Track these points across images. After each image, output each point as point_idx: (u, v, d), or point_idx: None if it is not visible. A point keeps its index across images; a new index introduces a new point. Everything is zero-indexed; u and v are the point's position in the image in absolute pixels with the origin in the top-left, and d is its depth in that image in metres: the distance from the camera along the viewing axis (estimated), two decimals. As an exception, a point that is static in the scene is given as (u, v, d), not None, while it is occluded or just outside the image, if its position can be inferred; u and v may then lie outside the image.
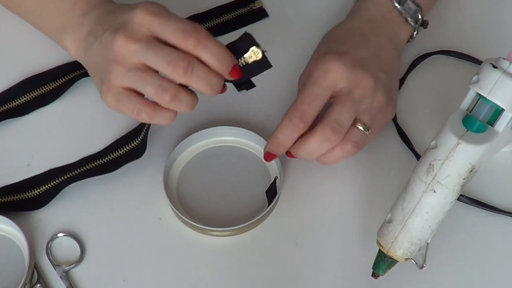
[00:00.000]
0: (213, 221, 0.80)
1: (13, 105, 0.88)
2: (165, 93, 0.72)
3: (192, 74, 0.72)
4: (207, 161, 0.85)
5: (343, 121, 0.77)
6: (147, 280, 0.79)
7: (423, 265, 0.75)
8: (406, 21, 0.86)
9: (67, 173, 0.83)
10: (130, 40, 0.72)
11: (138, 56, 0.73)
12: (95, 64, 0.78)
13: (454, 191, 0.72)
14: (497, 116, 0.73)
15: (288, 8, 0.97)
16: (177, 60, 0.71)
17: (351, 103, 0.77)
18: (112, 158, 0.84)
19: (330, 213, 0.82)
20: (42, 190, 0.82)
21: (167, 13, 0.74)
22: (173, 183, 0.83)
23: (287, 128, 0.77)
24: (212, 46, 0.72)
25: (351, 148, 0.78)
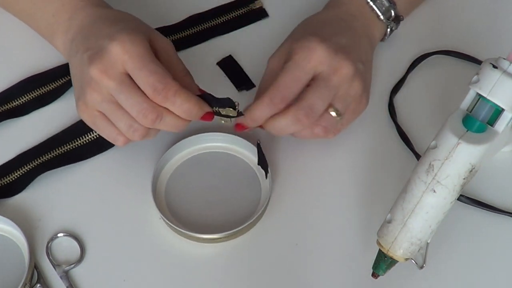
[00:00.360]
0: (204, 228, 0.79)
1: (12, 105, 0.88)
2: (136, 133, 0.76)
3: (160, 123, 0.75)
4: (196, 167, 0.84)
5: (316, 106, 0.77)
6: (147, 280, 0.79)
7: (423, 265, 0.75)
8: (378, 18, 0.86)
9: (38, 157, 0.83)
10: (105, 75, 0.74)
11: (111, 92, 0.75)
12: (75, 75, 0.79)
13: (454, 191, 0.72)
14: (497, 116, 0.73)
15: (288, 8, 0.97)
16: (146, 112, 0.74)
17: (327, 90, 0.77)
18: (80, 144, 0.84)
19: (330, 213, 0.82)
20: (14, 177, 0.82)
21: (143, 57, 0.74)
22: (161, 190, 0.83)
23: (267, 107, 0.77)
24: (180, 102, 0.74)
25: (320, 131, 0.79)
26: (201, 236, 0.79)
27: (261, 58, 0.92)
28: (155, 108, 0.74)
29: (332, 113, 0.78)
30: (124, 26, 0.76)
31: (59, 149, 0.84)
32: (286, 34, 0.94)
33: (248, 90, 0.91)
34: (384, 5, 0.86)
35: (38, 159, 0.84)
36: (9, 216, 0.79)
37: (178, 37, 0.94)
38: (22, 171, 0.83)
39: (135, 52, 0.74)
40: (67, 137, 0.85)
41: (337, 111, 0.79)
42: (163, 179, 0.83)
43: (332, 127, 0.79)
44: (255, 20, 0.96)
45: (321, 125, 0.78)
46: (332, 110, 0.78)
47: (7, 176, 0.83)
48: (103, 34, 0.76)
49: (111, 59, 0.74)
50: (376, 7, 0.86)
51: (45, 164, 0.83)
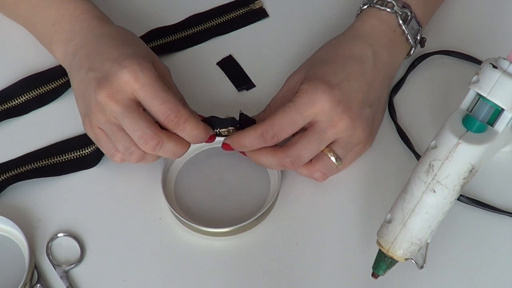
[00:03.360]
0: (212, 221, 0.80)
1: (12, 104, 0.88)
2: (131, 156, 0.77)
3: (160, 150, 0.76)
4: (205, 161, 0.85)
5: (304, 157, 0.78)
6: (147, 280, 0.78)
7: (423, 265, 0.75)
8: (407, 41, 0.86)
9: (11, 170, 0.83)
10: (112, 100, 0.75)
11: (115, 116, 0.76)
12: (79, 92, 0.81)
13: (454, 191, 0.72)
14: (497, 116, 0.73)
15: (288, 8, 0.97)
16: (148, 138, 0.75)
17: (319, 142, 0.78)
18: (58, 161, 0.84)
19: (330, 213, 0.82)
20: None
21: (154, 86, 0.75)
22: (171, 184, 0.83)
23: (256, 140, 0.78)
24: (190, 129, 0.76)
25: (318, 176, 0.80)
26: (209, 230, 0.79)
27: (261, 58, 0.92)
28: (157, 135, 0.75)
29: (332, 158, 0.79)
30: (133, 52, 0.77)
31: (36, 163, 0.84)
32: (286, 34, 0.94)
33: (248, 90, 0.91)
34: (414, 28, 0.86)
35: (15, 170, 0.83)
36: (9, 216, 0.79)
37: (178, 37, 0.94)
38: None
39: (146, 82, 0.75)
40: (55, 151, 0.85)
41: (337, 156, 0.79)
42: (173, 173, 0.84)
43: (330, 172, 0.80)
44: (255, 20, 0.96)
45: (320, 171, 0.80)
46: (331, 155, 0.79)
47: None
48: (111, 57, 0.77)
49: (121, 86, 0.75)
50: (407, 31, 0.85)
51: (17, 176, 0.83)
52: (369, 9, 0.85)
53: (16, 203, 0.82)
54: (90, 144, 0.84)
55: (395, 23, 0.85)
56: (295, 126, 0.78)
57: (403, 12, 0.84)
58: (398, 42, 0.85)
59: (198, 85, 0.82)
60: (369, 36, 0.83)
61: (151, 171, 0.83)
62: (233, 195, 0.83)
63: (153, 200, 0.82)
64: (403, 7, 0.85)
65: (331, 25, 0.92)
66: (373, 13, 0.85)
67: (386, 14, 0.84)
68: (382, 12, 0.84)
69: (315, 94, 0.77)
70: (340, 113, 0.78)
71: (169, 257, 0.80)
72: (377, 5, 0.85)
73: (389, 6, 0.84)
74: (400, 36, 0.85)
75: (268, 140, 0.77)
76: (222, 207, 0.82)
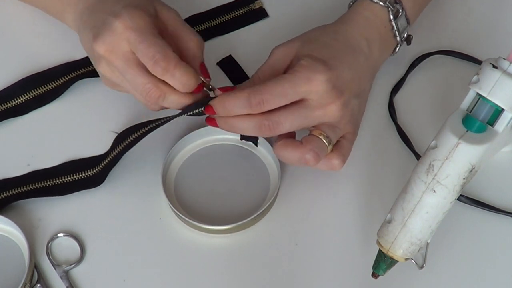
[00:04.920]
0: (211, 219, 0.80)
1: (12, 104, 0.88)
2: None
3: (164, 101, 0.76)
4: (205, 159, 0.85)
5: (284, 126, 0.76)
6: (147, 280, 0.79)
7: (423, 265, 0.75)
8: (395, 37, 0.85)
9: (13, 188, 0.82)
10: (110, 55, 0.76)
11: (118, 69, 0.76)
12: (87, 50, 0.81)
13: (454, 191, 0.72)
14: (497, 116, 0.73)
15: (288, 8, 0.97)
16: (151, 92, 0.75)
17: (303, 119, 0.76)
18: (62, 182, 0.83)
19: (330, 213, 0.82)
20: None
21: (144, 30, 0.75)
22: (171, 182, 0.83)
23: (241, 101, 0.75)
24: (179, 75, 0.75)
25: (310, 157, 0.77)
26: (209, 227, 0.79)
27: (261, 58, 0.92)
28: (158, 87, 0.75)
29: (323, 140, 0.77)
30: (128, 3, 0.77)
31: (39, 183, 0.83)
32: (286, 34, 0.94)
33: (248, 90, 0.90)
34: (403, 25, 0.85)
35: (20, 188, 0.83)
36: (9, 216, 0.79)
37: (178, 37, 0.94)
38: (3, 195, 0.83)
39: (135, 27, 0.75)
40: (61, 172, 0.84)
41: (328, 138, 0.78)
42: (173, 171, 0.84)
43: (322, 152, 0.77)
44: (255, 20, 0.96)
45: (312, 151, 0.76)
46: (322, 137, 0.78)
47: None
48: (108, 11, 0.77)
49: (115, 36, 0.75)
50: (396, 27, 0.84)
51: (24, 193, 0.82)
52: (362, 1, 0.85)
53: (16, 203, 0.82)
54: (96, 165, 0.83)
55: (386, 18, 0.84)
56: (284, 98, 0.75)
57: (394, 7, 0.84)
58: (387, 38, 0.85)
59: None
60: (365, 29, 0.83)
61: (151, 170, 0.83)
62: (233, 193, 0.83)
63: (153, 200, 0.82)
64: (395, 2, 0.84)
65: (331, 25, 0.92)
66: (366, 5, 0.84)
67: (379, 7, 0.84)
68: (375, 5, 0.84)
69: (314, 73, 0.76)
70: (332, 97, 0.77)
71: (169, 257, 0.80)
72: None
73: (382, 0, 0.84)
74: (389, 32, 0.85)
75: (253, 104, 0.75)
76: (222, 205, 0.82)
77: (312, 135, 0.78)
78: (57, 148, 0.86)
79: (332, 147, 0.79)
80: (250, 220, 0.80)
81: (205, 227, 0.79)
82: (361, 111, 0.83)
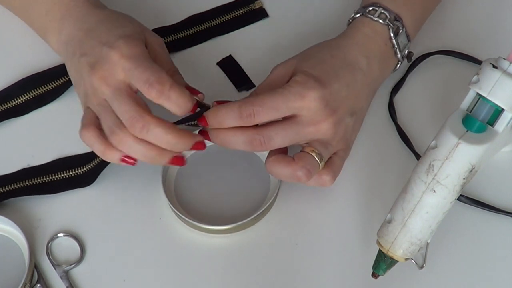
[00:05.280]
0: (211, 219, 0.80)
1: (12, 104, 0.88)
2: (113, 136, 0.74)
3: (148, 134, 0.73)
4: (205, 159, 0.85)
5: (275, 142, 0.76)
6: (147, 280, 0.79)
7: (423, 265, 0.75)
8: (395, 55, 0.85)
9: (5, 185, 0.82)
10: (103, 82, 0.75)
11: (106, 98, 0.75)
12: (75, 81, 0.80)
13: (454, 191, 0.72)
14: (497, 116, 0.73)
15: (288, 8, 0.97)
16: (133, 121, 0.73)
17: (294, 135, 0.76)
18: (53, 180, 0.83)
19: (330, 213, 0.82)
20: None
21: (140, 57, 0.75)
22: (171, 182, 0.83)
23: (232, 113, 0.75)
24: (175, 97, 0.73)
25: (302, 174, 0.76)
26: (209, 227, 0.79)
27: (261, 58, 0.92)
28: (142, 117, 0.73)
29: (315, 157, 0.77)
30: (122, 33, 0.77)
31: (30, 181, 0.83)
32: (286, 34, 0.94)
33: (248, 90, 0.91)
34: (403, 42, 0.85)
35: (10, 185, 0.83)
36: (9, 216, 0.79)
37: (178, 37, 0.94)
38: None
39: (130, 54, 0.75)
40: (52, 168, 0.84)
41: (320, 155, 0.77)
42: (173, 171, 0.84)
43: (314, 169, 0.77)
44: (255, 20, 0.96)
45: (305, 167, 0.76)
46: (314, 154, 0.77)
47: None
48: (102, 41, 0.77)
49: (110, 67, 0.75)
50: (397, 45, 0.84)
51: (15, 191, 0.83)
52: (362, 18, 0.84)
53: (16, 203, 0.82)
54: (88, 163, 0.84)
55: (387, 36, 0.84)
56: (276, 113, 0.75)
57: (394, 24, 0.84)
58: (388, 56, 0.84)
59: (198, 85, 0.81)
60: (364, 47, 0.83)
61: (151, 170, 0.83)
62: (233, 193, 0.83)
63: (153, 200, 0.82)
64: (395, 20, 0.84)
65: (331, 25, 0.92)
66: (366, 23, 0.84)
67: (379, 25, 0.83)
68: (375, 23, 0.83)
69: (307, 89, 0.76)
70: (325, 115, 0.77)
71: (169, 257, 0.80)
72: (370, 15, 0.83)
73: (382, 18, 0.83)
74: (390, 49, 0.84)
75: (244, 116, 0.75)
76: (222, 205, 0.82)
77: (304, 151, 0.77)
78: (57, 148, 0.85)
79: (324, 164, 0.78)
80: (250, 220, 0.80)
81: (205, 227, 0.79)
82: (356, 128, 0.83)
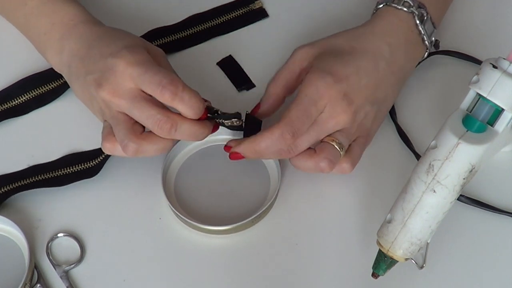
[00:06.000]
0: (212, 219, 0.80)
1: (12, 104, 0.88)
2: (126, 149, 0.76)
3: (176, 133, 0.75)
4: (205, 160, 0.85)
5: (301, 147, 0.77)
6: (147, 280, 0.79)
7: (423, 265, 0.75)
8: (423, 42, 0.85)
9: (13, 182, 0.82)
10: (115, 95, 0.75)
11: (122, 109, 0.76)
12: (85, 101, 0.81)
13: (454, 191, 0.72)
14: (497, 116, 0.73)
15: (288, 9, 0.97)
16: (161, 123, 0.75)
17: (317, 133, 0.78)
18: (62, 174, 0.84)
19: (330, 213, 0.82)
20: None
21: (147, 62, 0.76)
22: (171, 182, 0.83)
23: (275, 142, 0.76)
24: (188, 98, 0.75)
25: (325, 165, 0.78)
26: (209, 227, 0.79)
27: (261, 58, 0.92)
28: (169, 118, 0.75)
29: (336, 146, 0.78)
30: (123, 44, 0.78)
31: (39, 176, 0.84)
32: (286, 34, 0.94)
33: (248, 90, 0.91)
34: (430, 29, 0.85)
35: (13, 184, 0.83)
36: (9, 216, 0.79)
37: (178, 37, 0.94)
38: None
39: (136, 61, 0.75)
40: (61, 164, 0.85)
41: (340, 144, 0.78)
42: (173, 171, 0.84)
43: (336, 159, 0.78)
44: (255, 20, 0.96)
45: (327, 158, 0.77)
46: (335, 144, 0.78)
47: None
48: (104, 54, 0.77)
49: (118, 78, 0.75)
50: (424, 31, 0.84)
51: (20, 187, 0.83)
52: (386, 8, 0.85)
53: (16, 203, 0.82)
54: (97, 157, 0.84)
55: (413, 23, 0.84)
56: (311, 119, 0.77)
57: (419, 12, 0.84)
58: (415, 43, 0.85)
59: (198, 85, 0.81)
60: (388, 35, 0.83)
61: (151, 170, 0.83)
62: (233, 193, 0.83)
63: (153, 200, 0.82)
64: (419, 7, 0.84)
65: (331, 25, 0.92)
66: (391, 11, 0.84)
67: (403, 13, 0.84)
68: (399, 11, 0.84)
69: (321, 89, 0.77)
70: (344, 106, 0.78)
71: (169, 257, 0.80)
72: (394, 4, 0.84)
73: (406, 6, 0.84)
74: (417, 36, 0.85)
75: (288, 139, 0.76)
76: (222, 205, 0.82)
77: (325, 141, 0.78)
78: (57, 148, 0.85)
79: (344, 152, 0.79)
80: (250, 221, 0.79)
81: (205, 228, 0.79)
82: (379, 117, 0.83)
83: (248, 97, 0.89)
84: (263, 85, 0.89)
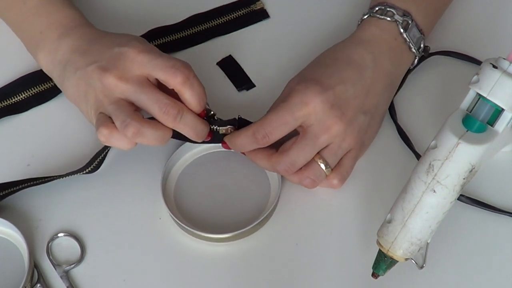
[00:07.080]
0: (212, 227, 0.80)
1: (12, 101, 0.88)
2: (127, 129, 0.74)
3: (181, 121, 0.75)
4: (205, 167, 0.84)
5: (298, 163, 0.78)
6: (147, 280, 0.79)
7: (423, 265, 0.75)
8: (410, 49, 0.85)
9: (10, 188, 0.82)
10: (122, 80, 0.76)
11: (127, 94, 0.76)
12: (78, 95, 0.80)
13: (454, 191, 0.72)
14: (497, 116, 0.73)
15: (289, 9, 0.97)
16: (168, 107, 0.75)
17: (312, 148, 0.78)
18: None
19: (330, 213, 0.82)
20: None
21: (157, 51, 0.77)
22: (170, 190, 0.83)
23: (248, 139, 0.78)
24: (197, 85, 0.76)
25: (308, 183, 0.79)
26: (210, 235, 0.79)
27: (261, 58, 0.92)
28: (176, 104, 0.75)
29: (321, 165, 0.79)
30: (129, 37, 0.79)
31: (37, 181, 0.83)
32: (287, 35, 0.94)
33: (248, 90, 0.91)
34: (416, 36, 0.85)
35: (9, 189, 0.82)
36: (9, 216, 0.79)
37: (178, 37, 0.94)
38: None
39: (147, 49, 0.76)
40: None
41: (326, 163, 0.79)
42: (173, 178, 0.84)
43: (319, 179, 0.79)
44: (256, 21, 0.96)
45: (309, 178, 0.79)
46: (321, 162, 0.79)
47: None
48: (110, 46, 0.78)
49: (127, 64, 0.76)
50: (408, 39, 0.84)
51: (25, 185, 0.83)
52: (369, 19, 0.85)
53: (16, 203, 0.82)
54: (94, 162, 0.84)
55: (396, 32, 0.84)
56: (286, 127, 0.77)
57: (403, 20, 0.84)
58: (400, 51, 0.85)
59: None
60: (370, 44, 0.83)
61: (151, 171, 0.83)
62: (234, 200, 0.82)
63: (153, 200, 0.82)
64: (404, 15, 0.84)
65: (332, 26, 0.92)
66: (373, 22, 0.85)
67: (386, 22, 0.84)
68: (382, 21, 0.84)
69: (307, 95, 0.77)
70: (333, 117, 0.78)
71: (169, 257, 0.80)
72: (377, 15, 0.84)
73: (389, 15, 0.84)
74: (402, 44, 0.85)
75: (259, 139, 0.77)
76: (222, 212, 0.82)
77: (312, 159, 0.79)
78: (57, 145, 0.86)
79: (331, 170, 0.80)
80: (251, 228, 0.79)
81: (206, 236, 0.79)
82: (372, 126, 0.83)
83: (248, 97, 0.89)
84: (263, 85, 0.89)
